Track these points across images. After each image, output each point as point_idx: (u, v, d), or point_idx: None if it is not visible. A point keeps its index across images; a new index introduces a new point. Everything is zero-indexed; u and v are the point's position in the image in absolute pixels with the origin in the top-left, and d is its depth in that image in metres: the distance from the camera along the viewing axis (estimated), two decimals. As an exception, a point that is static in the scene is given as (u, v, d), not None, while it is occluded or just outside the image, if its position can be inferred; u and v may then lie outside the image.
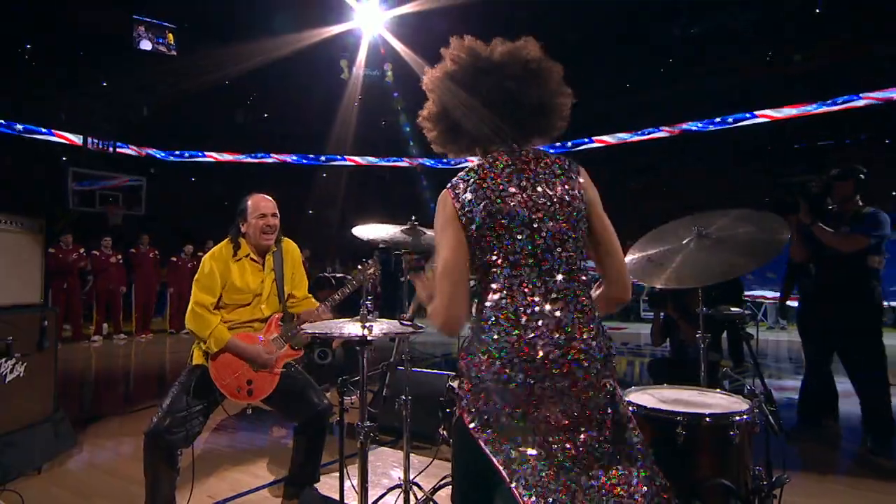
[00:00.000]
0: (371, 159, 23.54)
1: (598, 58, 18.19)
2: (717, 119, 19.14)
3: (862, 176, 4.59)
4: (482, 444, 1.59)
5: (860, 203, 4.58)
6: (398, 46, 16.72)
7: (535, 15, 14.88)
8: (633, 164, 20.38)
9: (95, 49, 17.26)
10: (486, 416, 1.61)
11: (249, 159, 22.37)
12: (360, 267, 3.31)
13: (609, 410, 1.66)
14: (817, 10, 15.95)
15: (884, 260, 4.49)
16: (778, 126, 18.29)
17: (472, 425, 1.62)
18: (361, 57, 18.52)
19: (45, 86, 17.21)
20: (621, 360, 8.95)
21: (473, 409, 1.64)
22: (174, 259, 12.66)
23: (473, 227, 1.68)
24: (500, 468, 1.55)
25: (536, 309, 1.64)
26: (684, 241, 2.98)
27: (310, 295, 3.64)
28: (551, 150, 1.87)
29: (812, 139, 17.88)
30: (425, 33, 15.23)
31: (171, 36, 18.00)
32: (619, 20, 17.23)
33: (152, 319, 12.61)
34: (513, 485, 1.53)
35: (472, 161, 1.86)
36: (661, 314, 5.16)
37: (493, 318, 1.66)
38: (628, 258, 3.05)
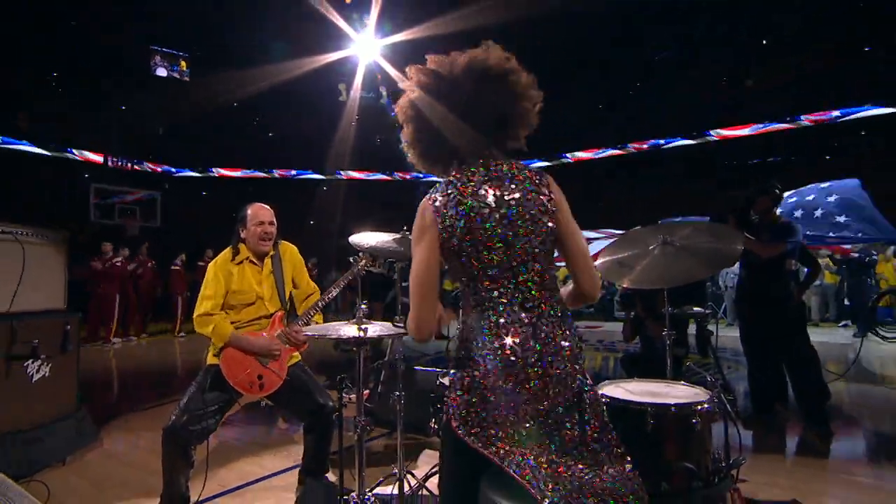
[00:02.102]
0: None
1: (574, 79, 18.36)
2: (678, 138, 19.33)
3: (777, 191, 4.79)
4: (473, 445, 1.59)
5: (777, 214, 4.79)
6: (392, 72, 16.80)
7: (522, 40, 14.92)
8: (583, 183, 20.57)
9: (116, 76, 17.28)
10: (473, 425, 1.61)
11: (255, 174, 22.36)
12: (351, 261, 3.30)
13: (577, 405, 1.66)
14: (763, 42, 16.30)
15: (797, 263, 4.68)
16: (732, 143, 18.53)
17: (460, 431, 1.62)
18: (358, 81, 18.56)
19: (69, 109, 17.20)
20: (597, 356, 8.99)
21: (461, 418, 1.63)
22: (173, 268, 12.84)
23: (455, 240, 1.68)
24: (493, 458, 1.56)
25: (514, 317, 1.65)
26: (650, 248, 3.00)
27: (315, 289, 3.59)
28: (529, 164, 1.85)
29: (763, 155, 18.14)
30: (417, 59, 15.27)
31: (184, 63, 18.02)
32: (602, 39, 17.37)
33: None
34: (505, 466, 1.53)
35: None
36: (632, 314, 5.19)
37: (476, 328, 1.67)
38: (600, 260, 3.08)
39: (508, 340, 1.63)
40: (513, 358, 1.61)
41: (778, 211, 4.84)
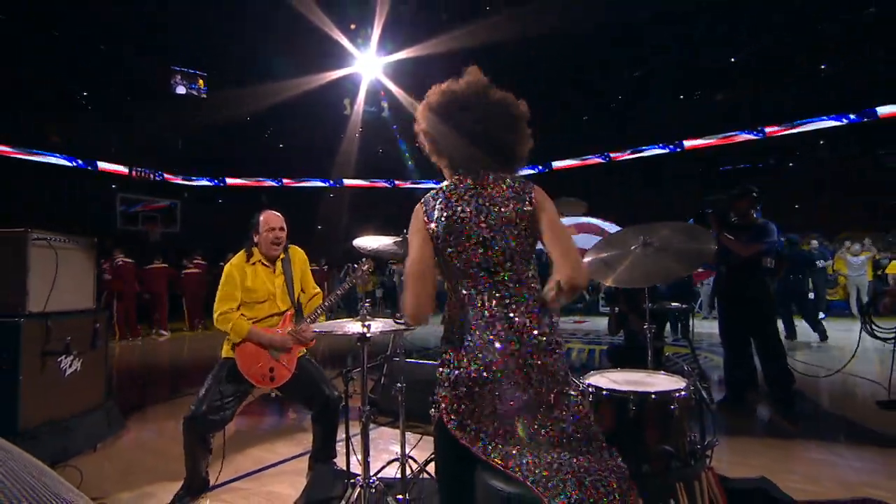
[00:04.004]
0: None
1: (566, 91, 18.52)
2: (656, 146, 19.43)
3: (755, 194, 4.79)
4: (462, 441, 1.60)
5: (755, 216, 4.76)
6: (393, 87, 16.86)
7: (512, 61, 14.96)
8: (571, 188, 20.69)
9: (140, 94, 17.36)
10: (464, 418, 1.62)
11: (267, 183, 22.39)
12: (354, 266, 3.30)
13: (559, 396, 1.66)
14: (732, 60, 16.52)
15: (773, 260, 4.69)
16: (704, 152, 18.69)
17: (451, 426, 1.62)
18: (361, 96, 18.62)
19: (98, 126, 17.26)
20: (584, 349, 8.99)
21: (450, 413, 1.64)
22: (187, 271, 12.91)
23: (440, 241, 1.70)
24: (479, 454, 1.56)
25: (495, 313, 1.65)
26: (632, 248, 3.01)
27: (318, 291, 3.58)
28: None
29: (734, 163, 18.30)
30: (414, 76, 15.36)
31: (201, 81, 18.04)
32: (590, 62, 17.52)
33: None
34: (491, 460, 1.54)
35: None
36: (616, 309, 5.20)
37: (459, 323, 1.68)
38: (586, 259, 3.09)
39: (491, 334, 1.63)
40: (496, 349, 1.61)
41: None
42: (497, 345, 1.62)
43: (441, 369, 1.70)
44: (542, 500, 1.43)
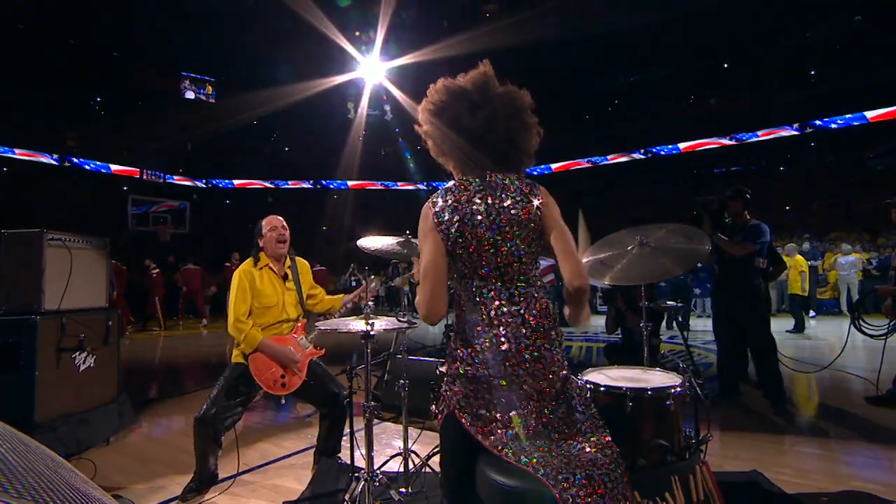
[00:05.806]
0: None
1: (566, 100, 18.55)
2: (653, 149, 19.43)
3: (748, 196, 4.77)
4: (476, 435, 1.59)
5: (748, 216, 4.75)
6: (395, 92, 16.90)
7: (512, 65, 14.96)
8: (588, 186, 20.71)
9: (150, 99, 17.41)
10: (474, 414, 1.62)
11: (273, 185, 22.41)
12: (364, 282, 3.31)
13: (566, 387, 1.67)
14: (725, 66, 16.57)
15: (766, 261, 4.65)
16: (699, 155, 18.68)
17: (464, 420, 1.61)
18: (365, 100, 18.66)
19: (111, 130, 17.33)
20: (583, 346, 8.98)
21: (462, 407, 1.63)
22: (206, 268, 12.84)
23: (449, 242, 1.67)
24: (489, 447, 1.56)
25: (504, 310, 1.64)
26: (628, 248, 3.00)
27: (321, 289, 3.58)
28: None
29: (727, 165, 18.31)
30: (416, 81, 15.42)
31: (210, 87, 18.13)
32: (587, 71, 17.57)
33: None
34: (499, 451, 1.54)
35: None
36: (613, 308, 5.18)
37: (470, 321, 1.67)
38: (583, 261, 3.08)
39: (501, 330, 1.63)
40: (506, 346, 1.61)
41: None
42: (511, 341, 1.62)
43: (454, 365, 1.69)
44: (552, 491, 1.42)
